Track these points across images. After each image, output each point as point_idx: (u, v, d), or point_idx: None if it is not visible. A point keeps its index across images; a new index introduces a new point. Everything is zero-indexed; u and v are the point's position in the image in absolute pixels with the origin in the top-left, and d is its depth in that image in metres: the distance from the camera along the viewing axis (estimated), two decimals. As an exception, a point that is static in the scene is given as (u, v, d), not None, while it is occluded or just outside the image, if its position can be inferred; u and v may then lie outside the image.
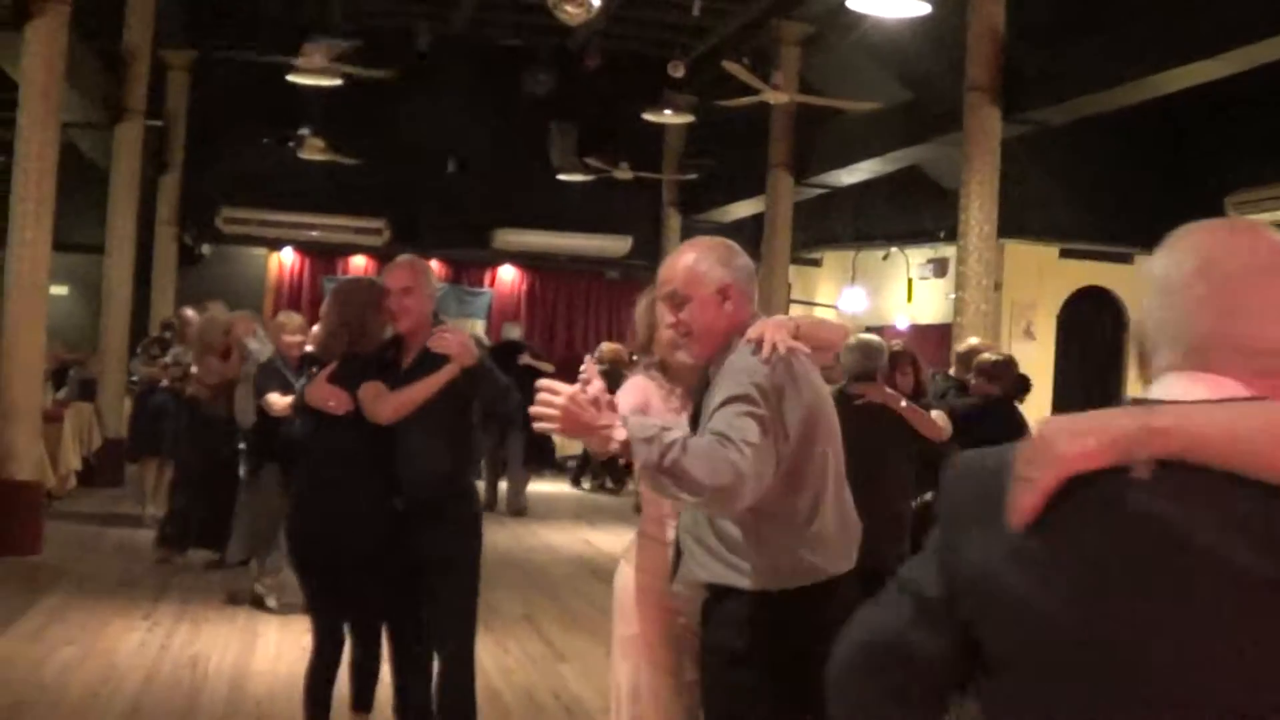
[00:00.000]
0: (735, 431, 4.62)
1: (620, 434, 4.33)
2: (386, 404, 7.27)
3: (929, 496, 9.65)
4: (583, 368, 4.39)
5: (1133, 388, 21.82)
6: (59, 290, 23.10)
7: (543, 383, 4.34)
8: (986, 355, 11.43)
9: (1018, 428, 10.90)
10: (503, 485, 20.90)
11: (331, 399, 7.33)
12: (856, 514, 5.53)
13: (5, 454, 14.52)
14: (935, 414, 9.59)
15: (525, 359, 21.27)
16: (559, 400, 4.26)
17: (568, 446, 25.21)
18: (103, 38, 19.73)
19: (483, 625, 12.10)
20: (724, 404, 4.77)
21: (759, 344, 4.90)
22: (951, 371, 11.90)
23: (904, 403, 9.31)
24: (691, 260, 5.11)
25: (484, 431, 21.27)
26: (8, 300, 14.79)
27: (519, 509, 20.65)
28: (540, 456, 23.94)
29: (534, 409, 4.30)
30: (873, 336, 10.18)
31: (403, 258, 7.64)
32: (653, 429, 4.40)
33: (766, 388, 4.79)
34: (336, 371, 7.38)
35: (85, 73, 18.24)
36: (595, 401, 4.31)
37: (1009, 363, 11.48)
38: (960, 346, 12.02)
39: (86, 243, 23.14)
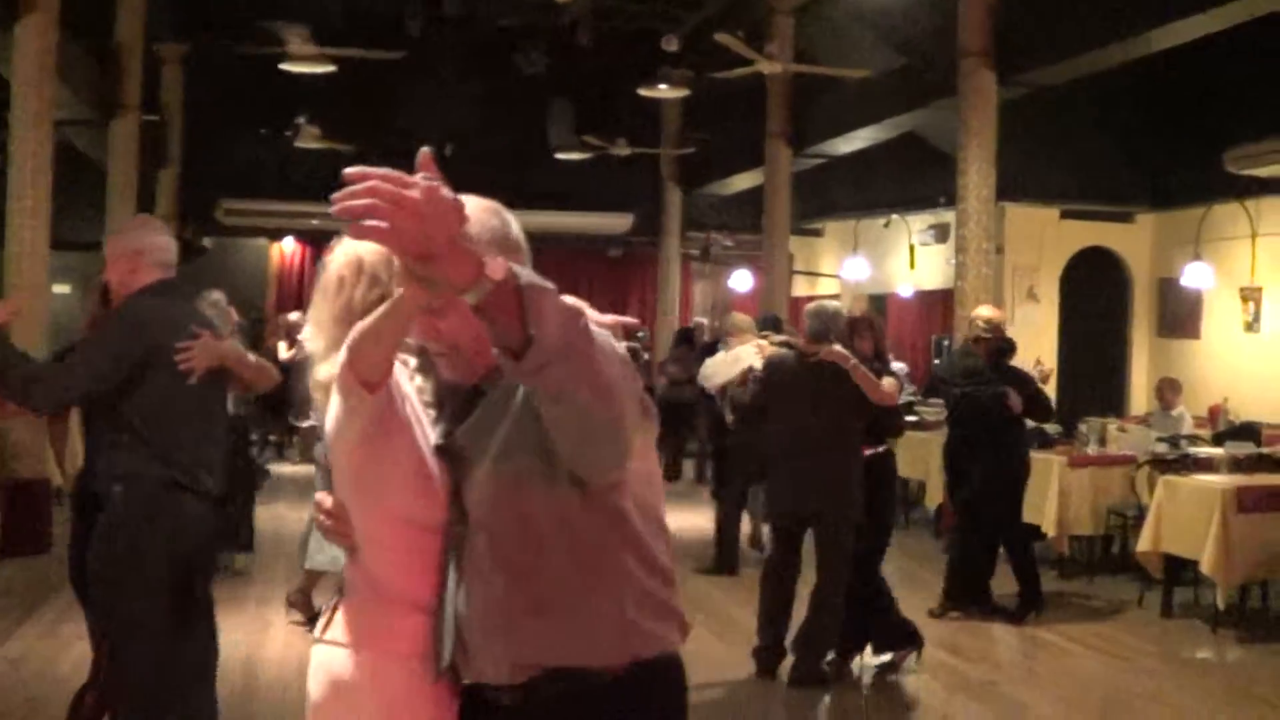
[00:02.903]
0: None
1: (498, 266, 2.78)
2: None
3: (881, 449, 10.56)
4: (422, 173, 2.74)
5: (1138, 346, 21.91)
6: (61, 289, 23.12)
7: (351, 171, 2.67)
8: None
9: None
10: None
11: None
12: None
13: (10, 453, 14.54)
14: (887, 381, 10.09)
15: None
16: (412, 194, 2.66)
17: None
18: (94, 34, 19.70)
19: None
20: None
21: None
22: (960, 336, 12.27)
23: (853, 363, 9.71)
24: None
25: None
26: (8, 300, 14.77)
27: None
28: None
29: (348, 204, 2.64)
30: (830, 302, 10.85)
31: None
32: (548, 282, 2.89)
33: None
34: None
35: (77, 69, 18.23)
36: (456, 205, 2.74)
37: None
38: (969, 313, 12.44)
39: (86, 240, 23.16)
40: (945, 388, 12.70)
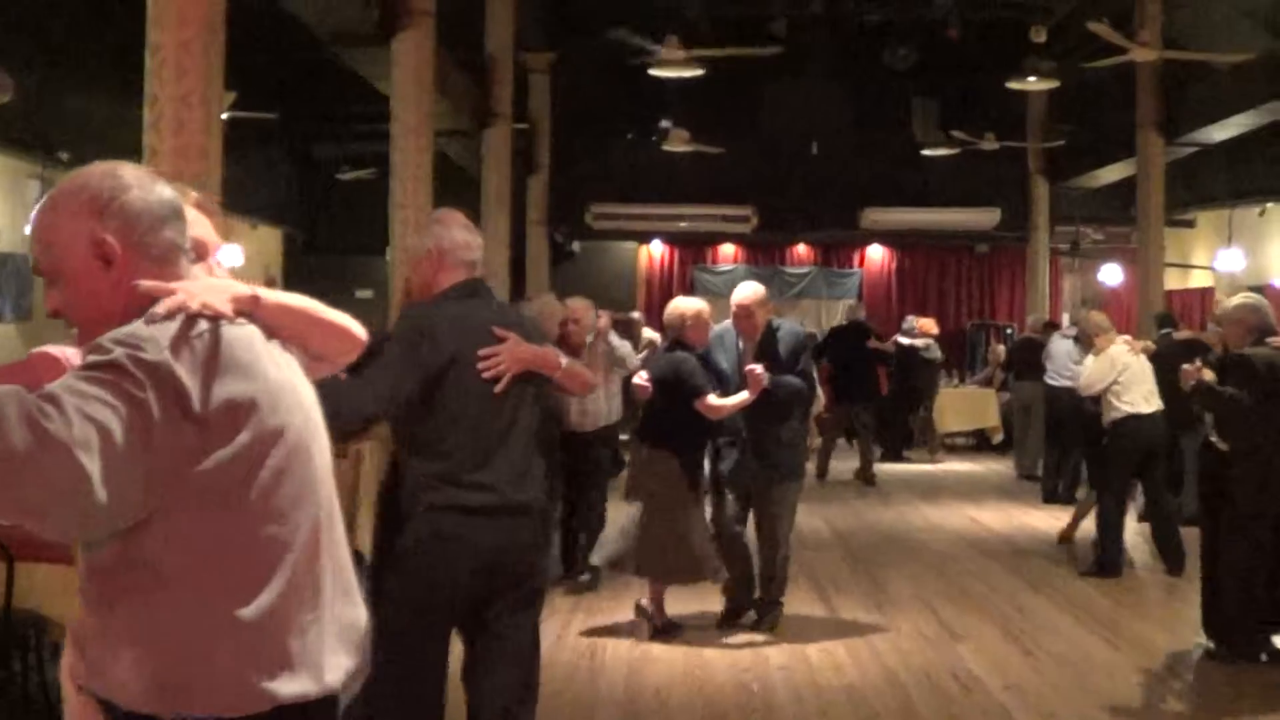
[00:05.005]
0: (73, 396, 2.89)
1: None
2: None
3: None
4: None
5: None
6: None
7: None
8: None
9: None
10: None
11: None
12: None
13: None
14: None
15: (872, 341, 21.68)
16: None
17: (946, 423, 25.03)
18: (466, 46, 20.12)
19: (875, 605, 12.14)
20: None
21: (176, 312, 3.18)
22: None
23: None
24: (49, 213, 3.31)
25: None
26: (394, 306, 15.17)
27: (867, 479, 21.42)
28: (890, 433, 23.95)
29: None
30: (1253, 295, 10.90)
31: None
32: None
33: (153, 363, 3.03)
34: None
35: (451, 81, 18.61)
36: None
37: None
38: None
39: (462, 246, 23.69)
40: None
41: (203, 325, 3.14)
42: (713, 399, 10.32)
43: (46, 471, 2.77)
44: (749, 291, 11.06)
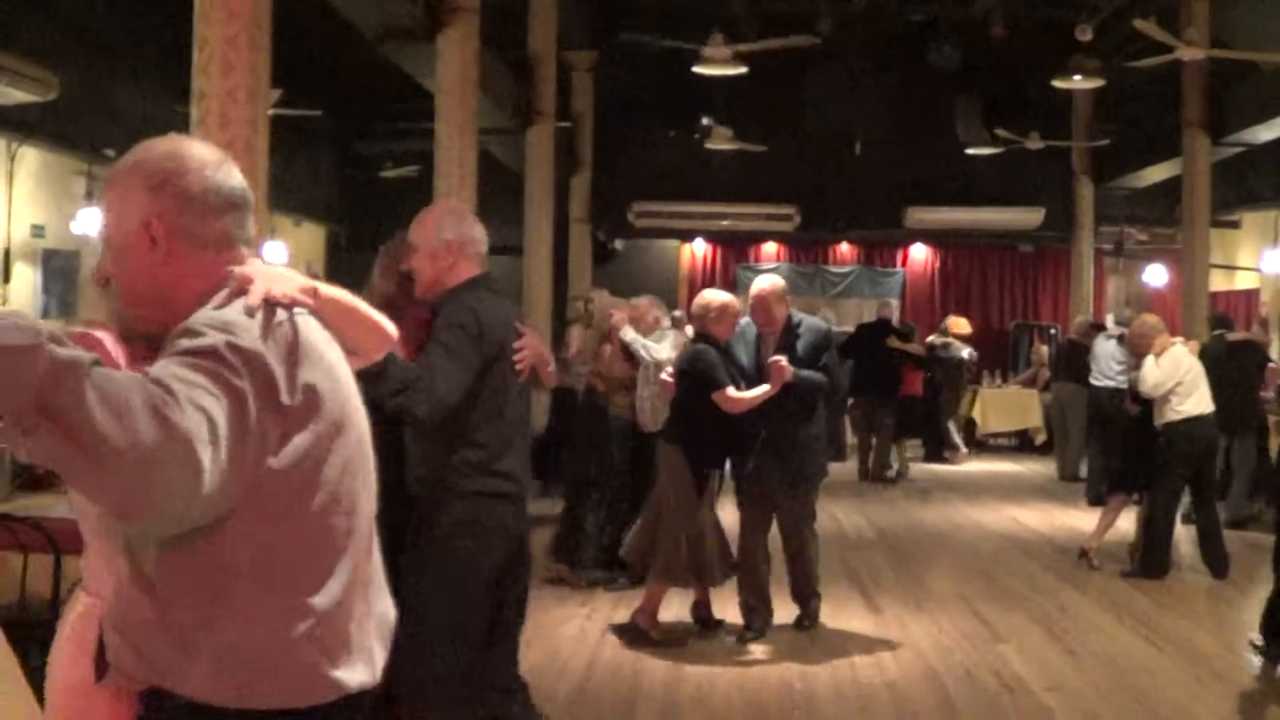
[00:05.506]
0: (182, 385, 2.80)
1: None
2: None
3: None
4: None
5: None
6: (482, 293, 23.69)
7: None
8: None
9: None
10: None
11: None
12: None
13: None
14: None
15: (893, 341, 21.43)
16: None
17: (988, 423, 24.99)
18: (510, 44, 20.14)
19: (916, 604, 12.12)
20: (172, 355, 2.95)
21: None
22: None
23: None
24: (112, 181, 3.33)
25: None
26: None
27: (883, 478, 21.35)
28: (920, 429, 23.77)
29: None
30: None
31: None
32: (32, 331, 2.60)
33: (250, 351, 3.00)
34: None
35: (495, 79, 18.64)
36: None
37: None
38: None
39: (505, 244, 23.71)
40: None
41: (282, 314, 3.13)
42: (731, 391, 10.18)
43: (167, 463, 2.70)
44: (765, 283, 10.96)
